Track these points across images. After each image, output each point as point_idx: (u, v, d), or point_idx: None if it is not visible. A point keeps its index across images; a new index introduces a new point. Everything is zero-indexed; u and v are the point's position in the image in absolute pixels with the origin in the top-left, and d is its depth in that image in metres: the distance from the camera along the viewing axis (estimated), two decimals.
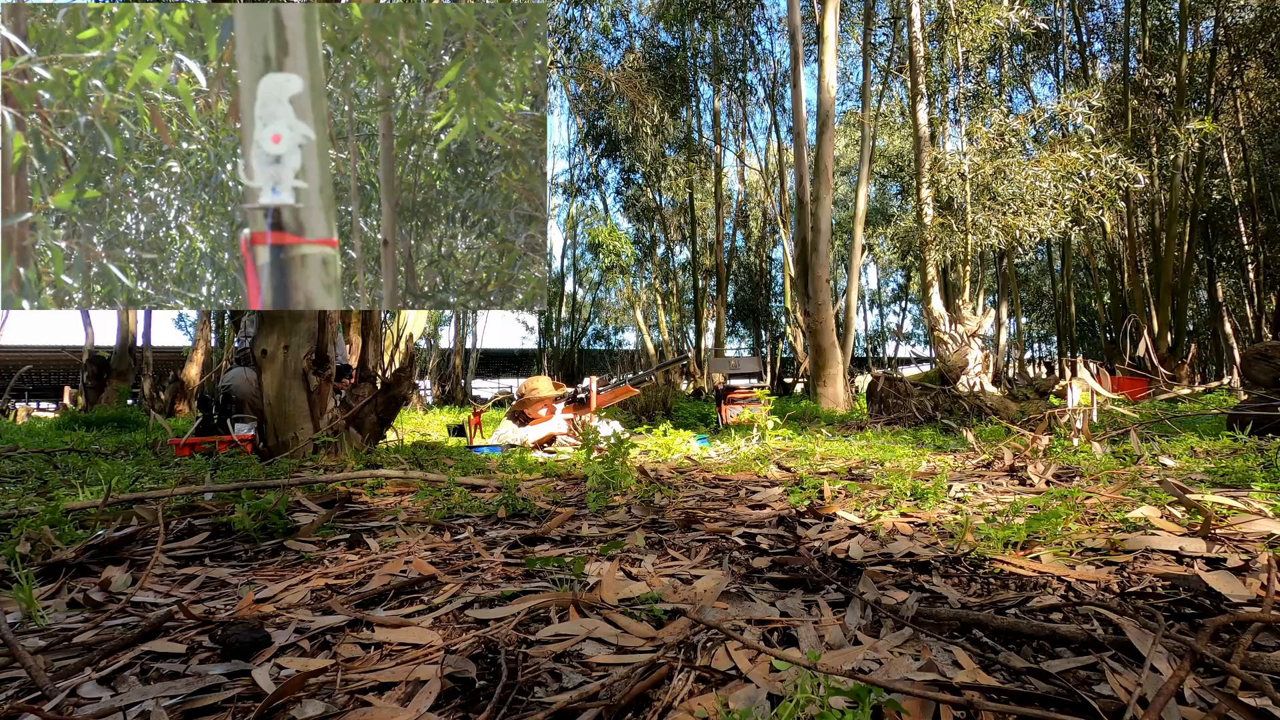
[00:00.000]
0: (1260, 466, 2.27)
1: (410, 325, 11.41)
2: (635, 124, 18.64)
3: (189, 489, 2.20)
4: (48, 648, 1.05)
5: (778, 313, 24.92)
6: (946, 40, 12.22)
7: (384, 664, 0.97)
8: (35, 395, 30.94)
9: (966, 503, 2.03)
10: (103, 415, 8.33)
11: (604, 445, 2.90)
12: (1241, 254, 16.93)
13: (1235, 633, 0.96)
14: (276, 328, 3.58)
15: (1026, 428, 3.89)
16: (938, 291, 10.89)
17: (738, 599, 1.22)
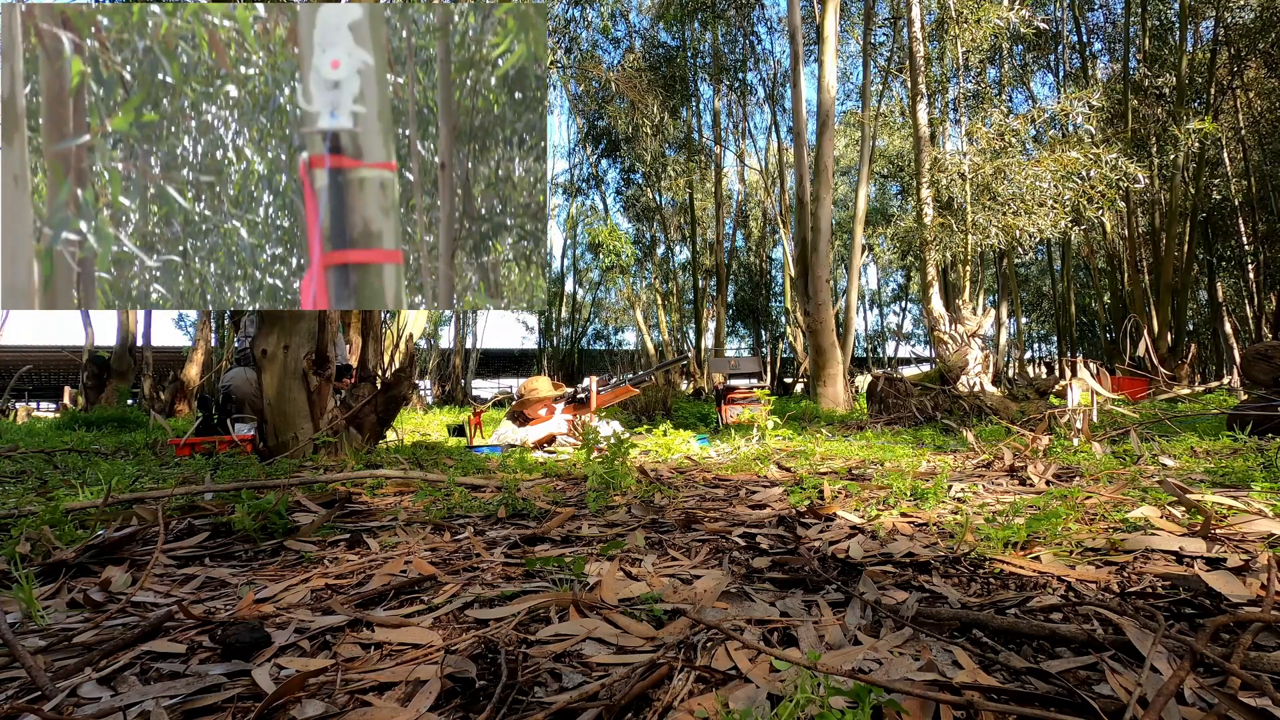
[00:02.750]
0: (1260, 466, 2.27)
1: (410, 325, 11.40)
2: (635, 124, 18.64)
3: (189, 489, 2.20)
4: (48, 648, 1.05)
5: (778, 313, 24.93)
6: (946, 40, 12.22)
7: (384, 664, 0.97)
8: (35, 395, 30.94)
9: (966, 503, 2.03)
10: (103, 415, 8.33)
11: (604, 445, 2.90)
12: (1241, 254, 16.93)
13: (1235, 633, 0.96)
14: (276, 327, 3.58)
15: (1026, 428, 3.89)
16: (938, 291, 10.89)
17: (738, 599, 1.22)
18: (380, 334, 4.56)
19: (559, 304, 24.51)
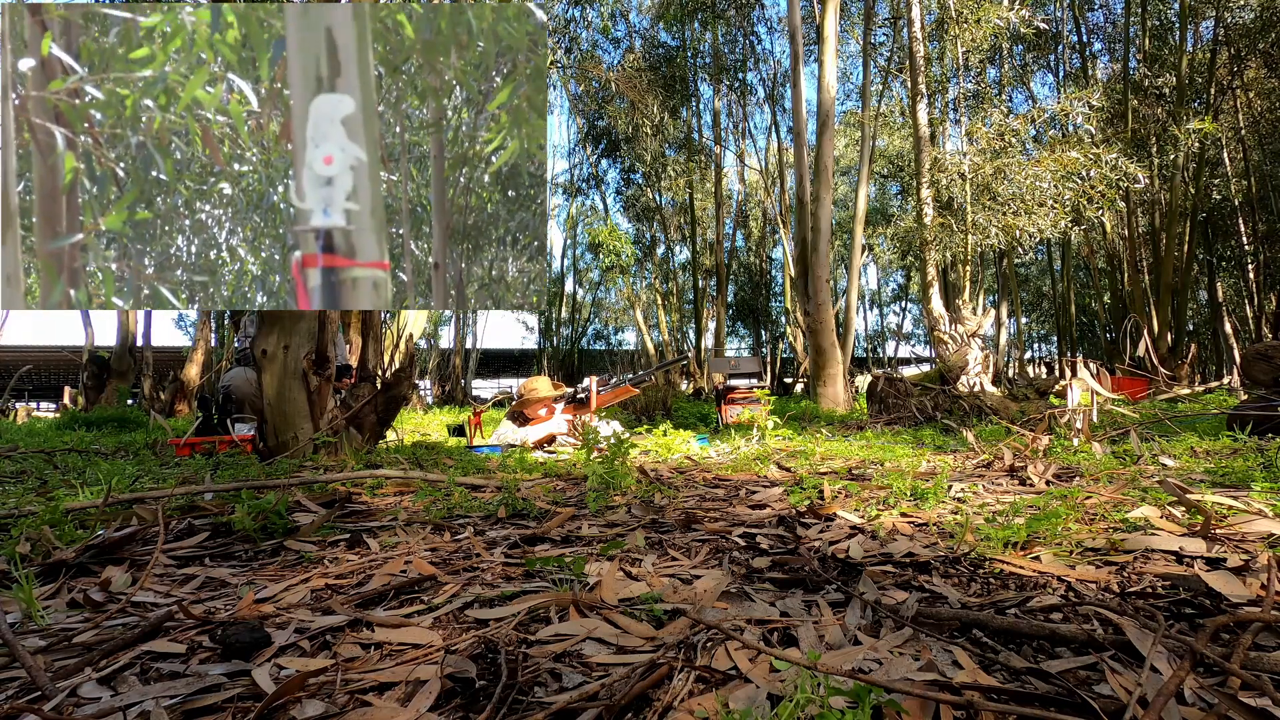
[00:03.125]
0: (1260, 466, 2.26)
1: (410, 325, 11.40)
2: (635, 124, 18.64)
3: (189, 489, 2.20)
4: (48, 648, 1.05)
5: (778, 313, 24.93)
6: (946, 40, 12.22)
7: (384, 664, 0.97)
8: (35, 395, 30.93)
9: (966, 503, 2.03)
10: (103, 415, 8.32)
11: (604, 445, 2.90)
12: (1241, 254, 16.93)
13: (1235, 633, 0.96)
14: (276, 328, 3.58)
15: (1026, 428, 3.89)
16: (938, 291, 10.88)
17: (738, 599, 1.22)
18: (380, 334, 4.56)
19: (559, 304, 24.51)
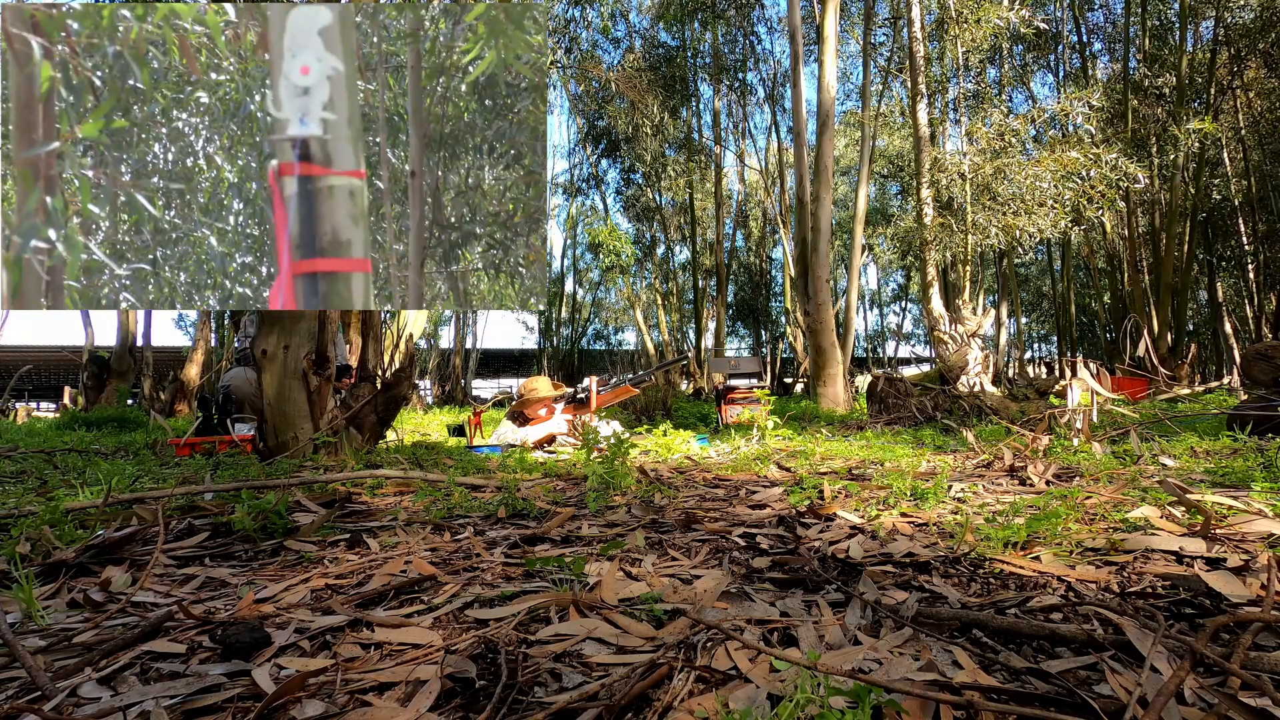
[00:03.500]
0: (1260, 466, 2.26)
1: (410, 325, 11.40)
2: (635, 124, 18.64)
3: (189, 489, 2.20)
4: (48, 648, 1.05)
5: (778, 313, 24.93)
6: (946, 40, 12.22)
7: (384, 664, 0.97)
8: (35, 395, 30.93)
9: (966, 503, 2.03)
10: (103, 415, 8.32)
11: (604, 445, 2.90)
12: (1241, 254, 16.93)
13: (1235, 633, 0.96)
14: (276, 327, 3.58)
15: (1026, 428, 3.89)
16: (938, 291, 10.88)
17: (738, 599, 1.22)
18: (380, 334, 4.56)
19: (559, 304, 24.51)
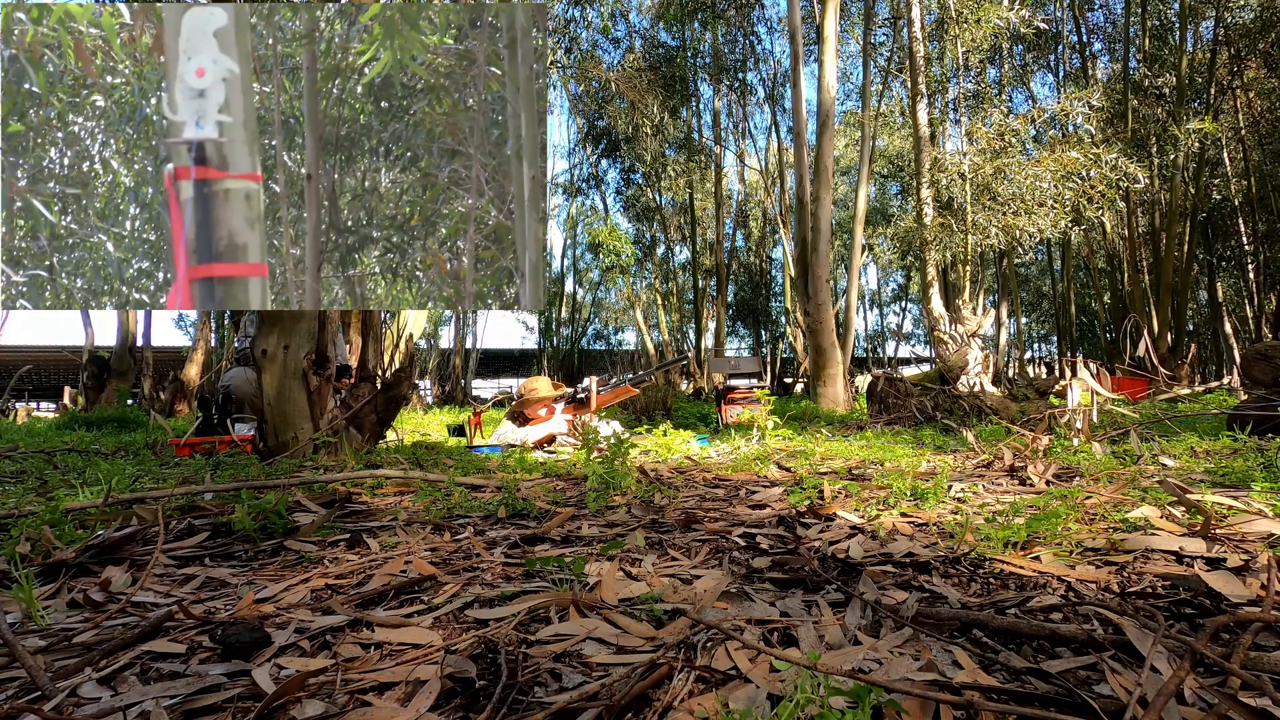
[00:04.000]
0: (1260, 466, 2.26)
1: (410, 325, 11.40)
2: (635, 124, 18.64)
3: (189, 489, 2.20)
4: (48, 648, 1.05)
5: (778, 313, 24.92)
6: (946, 40, 12.22)
7: (384, 664, 0.97)
8: (35, 395, 30.92)
9: (966, 503, 2.03)
10: (103, 415, 8.32)
11: (604, 445, 2.90)
12: (1241, 254, 16.93)
13: (1235, 633, 0.96)
14: (277, 328, 3.58)
15: (1026, 428, 3.89)
16: (938, 291, 10.88)
17: (738, 599, 1.22)
18: (380, 334, 4.56)
19: (559, 304, 24.50)
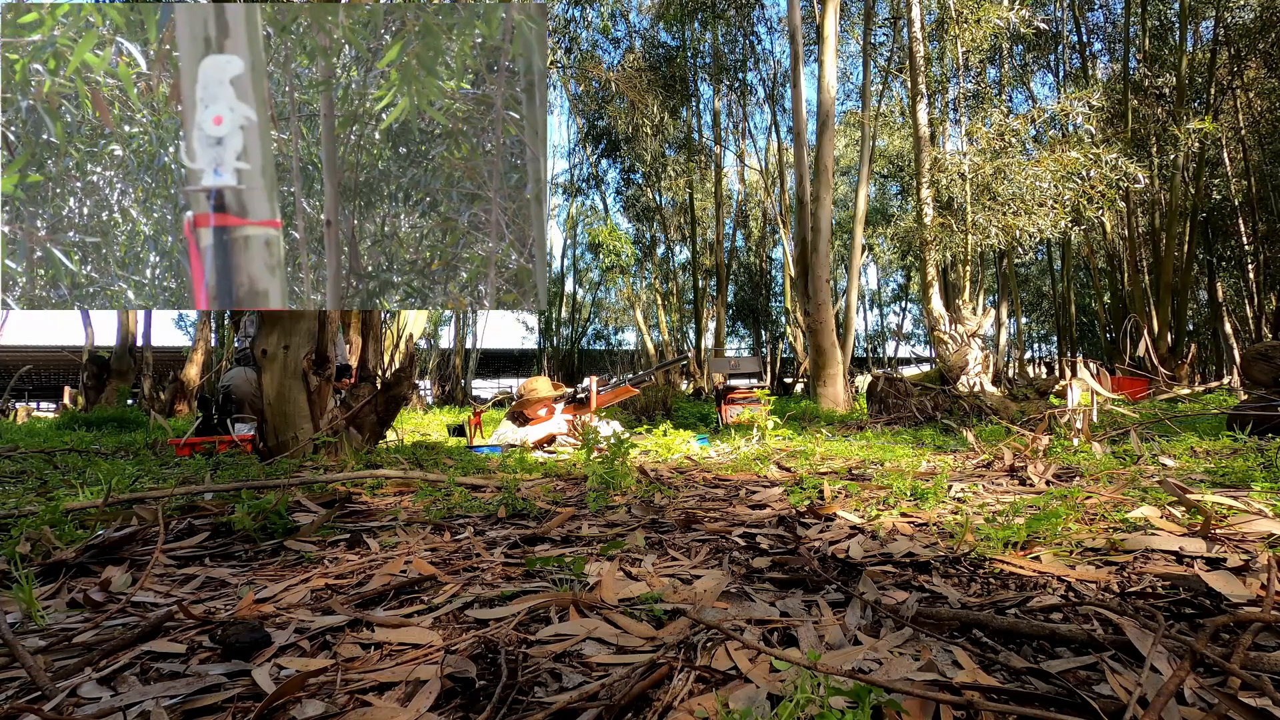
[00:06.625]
0: (1260, 466, 2.26)
1: (410, 325, 11.40)
2: (635, 124, 18.63)
3: (189, 489, 2.20)
4: (48, 648, 1.05)
5: (778, 313, 24.92)
6: (946, 40, 12.22)
7: (384, 664, 0.97)
8: (35, 395, 30.92)
9: (966, 503, 2.03)
10: (103, 415, 8.32)
11: (604, 445, 2.90)
12: (1241, 254, 16.92)
13: (1235, 633, 0.96)
14: (276, 328, 3.57)
15: (1026, 428, 3.89)
16: (938, 291, 10.88)
17: (738, 599, 1.22)
18: (380, 334, 4.56)
19: (559, 304, 24.50)
